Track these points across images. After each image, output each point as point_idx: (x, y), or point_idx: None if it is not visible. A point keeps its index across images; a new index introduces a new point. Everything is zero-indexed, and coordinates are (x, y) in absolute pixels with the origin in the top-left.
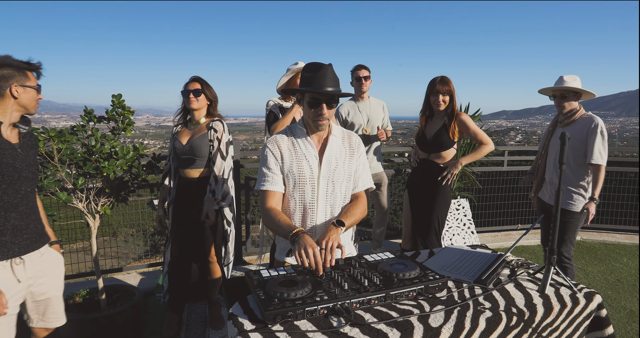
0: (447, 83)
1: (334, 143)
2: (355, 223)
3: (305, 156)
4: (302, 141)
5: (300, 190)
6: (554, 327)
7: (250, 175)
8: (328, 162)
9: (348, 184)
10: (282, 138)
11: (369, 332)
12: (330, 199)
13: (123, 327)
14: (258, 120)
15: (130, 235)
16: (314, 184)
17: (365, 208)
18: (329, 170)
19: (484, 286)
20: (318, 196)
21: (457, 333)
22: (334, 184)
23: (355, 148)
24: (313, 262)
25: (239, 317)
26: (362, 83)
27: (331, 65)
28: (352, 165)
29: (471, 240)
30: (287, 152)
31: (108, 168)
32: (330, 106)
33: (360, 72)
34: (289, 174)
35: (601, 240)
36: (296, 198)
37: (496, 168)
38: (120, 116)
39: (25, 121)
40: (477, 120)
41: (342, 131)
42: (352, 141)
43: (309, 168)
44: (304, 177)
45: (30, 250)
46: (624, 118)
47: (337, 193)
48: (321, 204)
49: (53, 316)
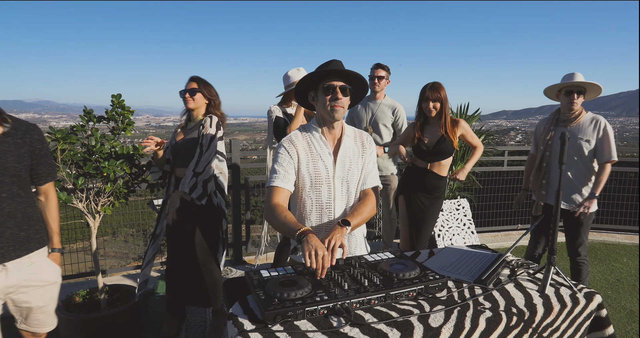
0: (437, 90)
1: (347, 142)
2: (363, 222)
3: (321, 156)
4: (317, 140)
5: (316, 190)
6: (555, 327)
7: (250, 175)
8: (342, 162)
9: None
10: (298, 137)
11: (369, 332)
12: (345, 198)
13: (123, 327)
14: (258, 120)
15: (130, 235)
16: (330, 185)
17: (374, 206)
18: (343, 170)
19: (484, 286)
20: (335, 197)
21: (457, 333)
22: (348, 183)
23: (367, 146)
24: (320, 265)
25: (239, 317)
26: (375, 83)
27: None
28: (363, 164)
29: (471, 240)
30: (303, 151)
31: (108, 168)
32: (345, 93)
33: (376, 71)
34: (305, 174)
35: (601, 240)
36: (313, 198)
37: (496, 168)
38: (120, 116)
39: (3, 118)
40: (476, 120)
41: (353, 131)
42: (363, 139)
43: (324, 168)
44: (320, 177)
45: (6, 259)
46: (624, 118)
47: (352, 192)
48: (338, 204)
49: (35, 322)
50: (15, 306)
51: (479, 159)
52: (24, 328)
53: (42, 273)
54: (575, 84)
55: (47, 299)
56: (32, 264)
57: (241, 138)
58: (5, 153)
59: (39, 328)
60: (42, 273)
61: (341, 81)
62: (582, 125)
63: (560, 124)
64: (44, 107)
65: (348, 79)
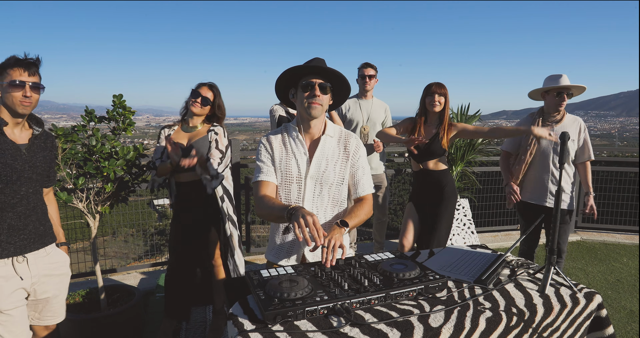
0: (443, 86)
1: (327, 143)
2: (359, 224)
3: (295, 154)
4: (294, 139)
5: (286, 188)
6: (555, 327)
7: (250, 175)
8: (318, 162)
9: (339, 189)
10: (276, 135)
11: (369, 332)
12: (317, 201)
13: (123, 327)
14: (258, 120)
15: (130, 235)
16: (301, 184)
17: (371, 208)
18: (317, 171)
19: (484, 286)
20: (304, 197)
21: (457, 333)
22: (321, 185)
23: (352, 152)
24: (313, 229)
25: (239, 317)
26: (366, 82)
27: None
28: (346, 169)
29: (471, 240)
30: (278, 148)
31: (108, 168)
32: (324, 91)
33: (365, 70)
34: (278, 171)
35: (601, 240)
36: (282, 196)
37: (496, 168)
38: (120, 116)
39: (38, 122)
40: (477, 120)
41: (339, 132)
42: (348, 143)
43: (296, 166)
44: (291, 175)
45: (27, 250)
46: (624, 118)
47: (325, 196)
48: (307, 205)
49: (49, 314)
50: (35, 299)
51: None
52: (38, 323)
53: (57, 262)
54: (565, 87)
55: (61, 288)
56: (47, 255)
57: (241, 138)
58: (37, 152)
59: (52, 319)
60: (57, 263)
61: (321, 79)
62: (566, 125)
63: (546, 124)
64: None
65: (329, 77)
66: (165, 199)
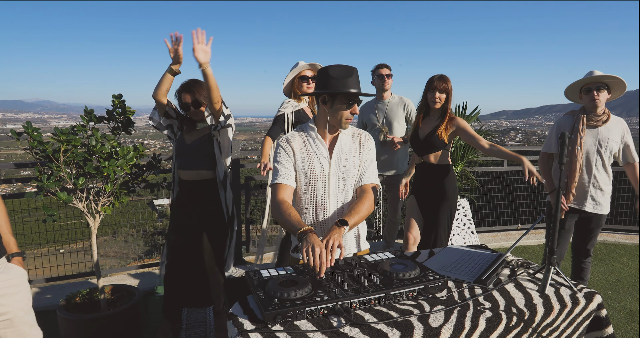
0: (445, 81)
1: (344, 139)
2: (361, 221)
3: (316, 153)
4: (314, 139)
5: (312, 187)
6: (554, 327)
7: (250, 175)
8: (338, 159)
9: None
10: (294, 137)
11: (369, 332)
12: (342, 195)
13: (123, 327)
14: (258, 120)
15: (130, 235)
16: (325, 181)
17: (372, 204)
18: (339, 167)
19: (484, 286)
20: (329, 193)
21: (457, 333)
22: (344, 180)
23: (365, 144)
24: (318, 262)
25: (239, 317)
26: (385, 81)
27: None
28: (361, 160)
29: (471, 240)
30: (299, 150)
31: (108, 168)
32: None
33: (382, 70)
34: (301, 171)
35: (601, 240)
36: (308, 195)
37: (496, 168)
38: (120, 116)
39: None
40: (475, 120)
41: (352, 129)
42: (361, 137)
43: (319, 165)
44: (315, 174)
45: None
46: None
47: (349, 189)
48: (333, 201)
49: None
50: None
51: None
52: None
53: (10, 279)
54: (593, 79)
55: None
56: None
57: (241, 138)
58: None
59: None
60: (11, 279)
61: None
62: (611, 125)
63: (590, 124)
64: (44, 107)
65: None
66: (165, 200)
